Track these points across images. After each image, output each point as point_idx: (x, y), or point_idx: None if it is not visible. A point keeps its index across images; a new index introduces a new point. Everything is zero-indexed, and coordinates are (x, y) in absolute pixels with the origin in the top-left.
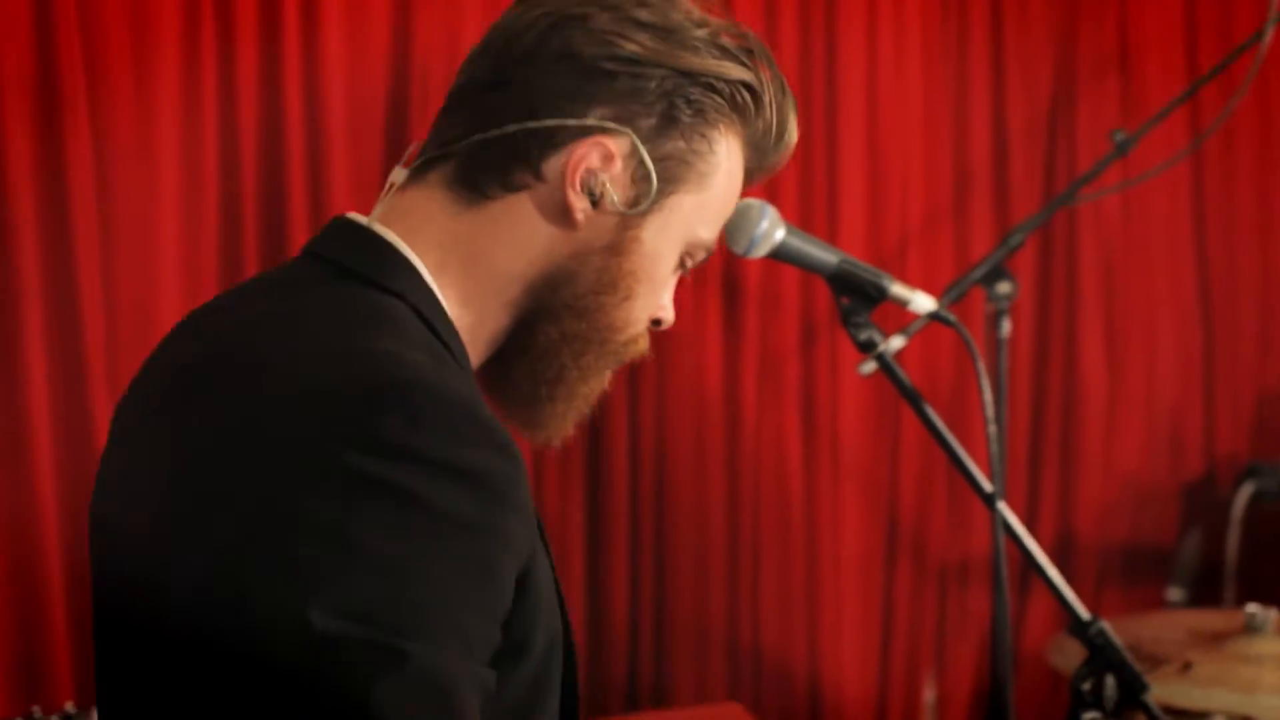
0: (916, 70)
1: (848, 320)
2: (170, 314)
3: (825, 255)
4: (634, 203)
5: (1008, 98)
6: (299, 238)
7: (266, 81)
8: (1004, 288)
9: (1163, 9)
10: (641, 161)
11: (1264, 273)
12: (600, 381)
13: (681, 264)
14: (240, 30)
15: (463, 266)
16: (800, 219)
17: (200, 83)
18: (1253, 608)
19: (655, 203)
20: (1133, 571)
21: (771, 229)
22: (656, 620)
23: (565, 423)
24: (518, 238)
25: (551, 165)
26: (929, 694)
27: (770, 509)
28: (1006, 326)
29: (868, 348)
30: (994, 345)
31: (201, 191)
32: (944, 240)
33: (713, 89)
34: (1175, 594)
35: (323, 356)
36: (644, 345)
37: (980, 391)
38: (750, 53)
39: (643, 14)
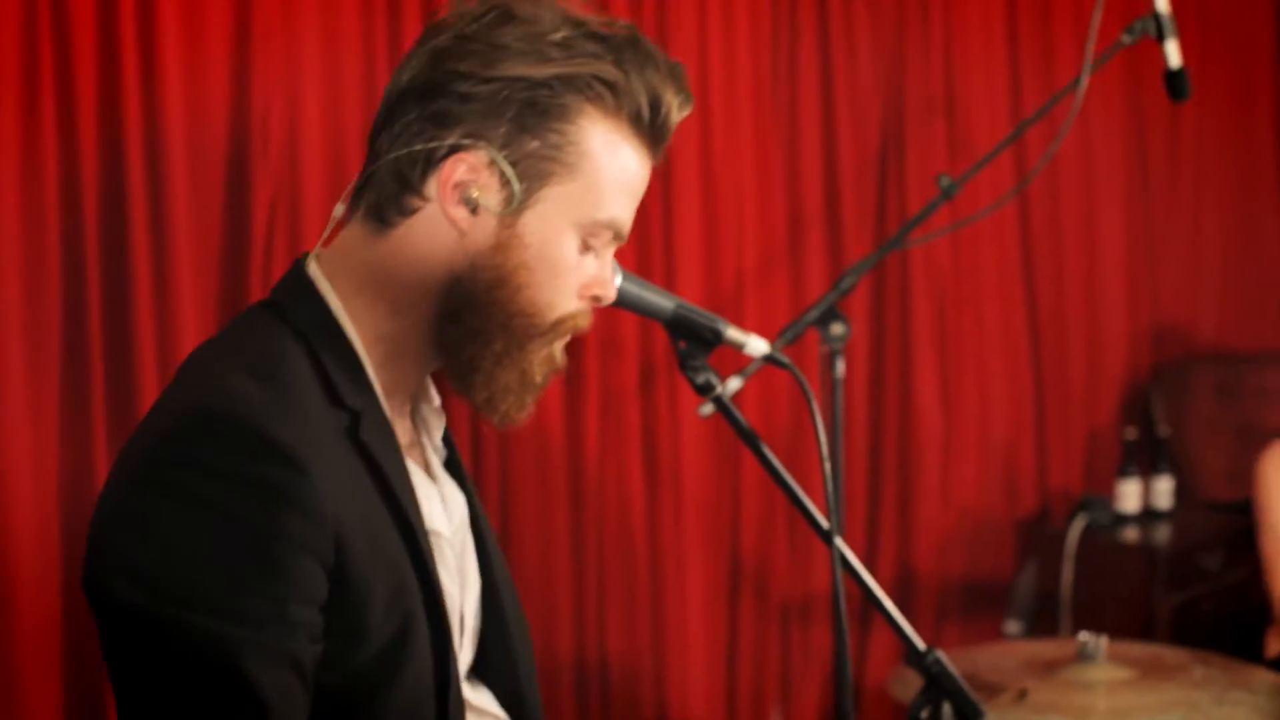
0: (748, 113)
1: (685, 364)
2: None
3: (662, 301)
4: (504, 204)
5: (838, 141)
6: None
7: (106, 123)
8: (838, 329)
9: (987, 55)
10: (501, 167)
11: (1090, 312)
12: (542, 363)
13: (588, 246)
14: (80, 73)
15: (378, 289)
16: (637, 262)
17: (40, 135)
18: (1084, 636)
19: (525, 199)
20: (971, 605)
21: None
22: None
23: (507, 404)
24: (419, 254)
25: (431, 186)
26: None
27: (614, 547)
28: (841, 367)
29: (705, 390)
30: (829, 385)
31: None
32: (779, 282)
33: (559, 89)
34: (1013, 626)
35: (193, 383)
36: (582, 322)
37: (815, 431)
38: (607, 41)
39: (504, 37)
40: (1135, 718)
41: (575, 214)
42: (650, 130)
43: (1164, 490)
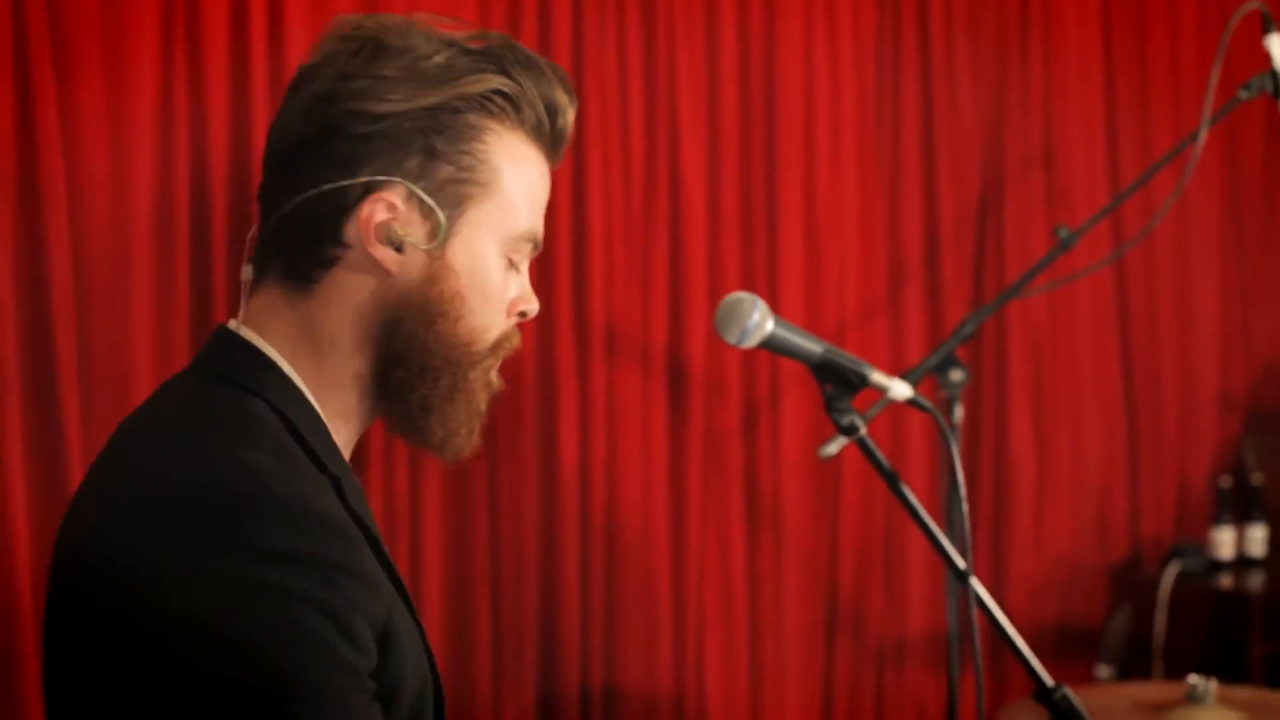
0: (852, 162)
1: (830, 406)
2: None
3: (811, 345)
4: (430, 236)
5: (938, 191)
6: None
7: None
8: (957, 375)
9: (1085, 107)
10: (421, 200)
11: (1184, 360)
12: (483, 389)
13: (510, 263)
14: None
15: (314, 348)
16: None
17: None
18: (1194, 679)
19: (449, 228)
20: (1063, 649)
21: (763, 320)
22: (605, 694)
23: (458, 439)
24: (349, 304)
25: (350, 231)
26: None
27: (714, 587)
28: (959, 412)
29: (850, 431)
30: (948, 426)
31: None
32: (879, 331)
33: (461, 110)
34: (1104, 671)
35: (187, 462)
36: (514, 341)
37: (953, 470)
38: (488, 55)
39: (385, 69)
40: None
41: (497, 232)
42: (550, 137)
43: (1258, 538)
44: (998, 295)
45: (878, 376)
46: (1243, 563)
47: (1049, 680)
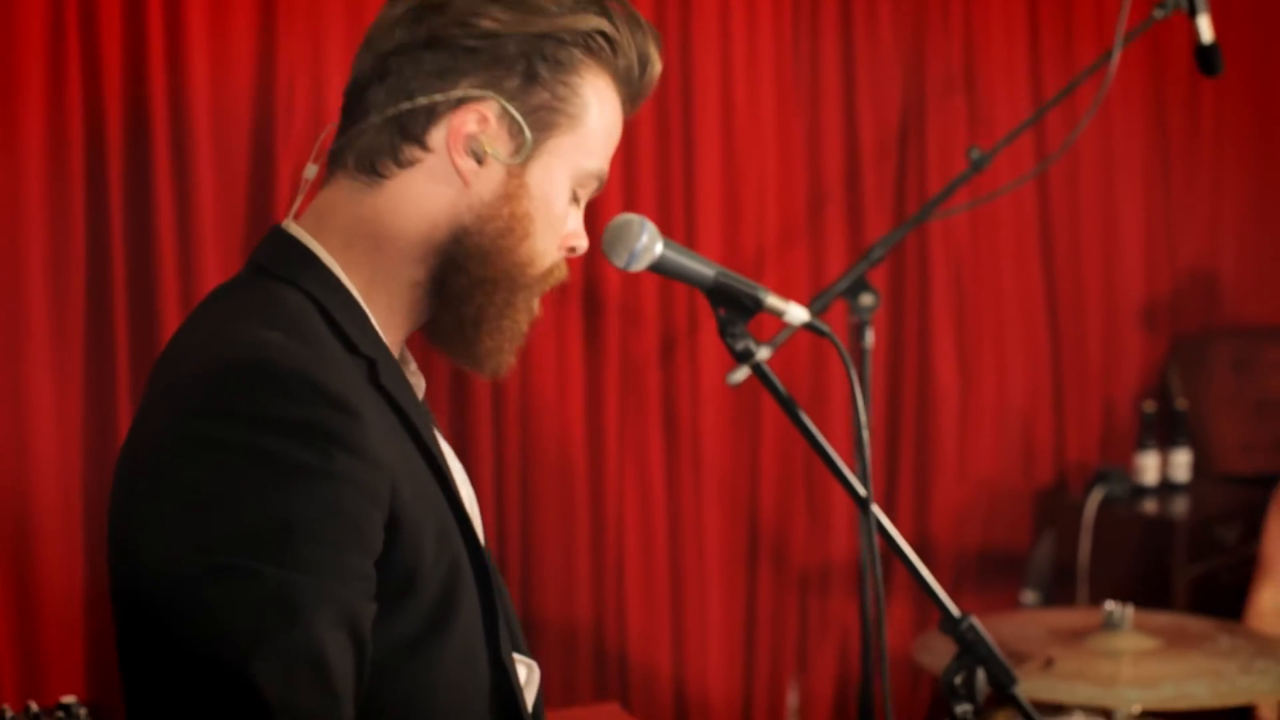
0: (770, 88)
1: (725, 331)
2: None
3: (703, 268)
4: (513, 154)
5: (858, 116)
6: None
7: (131, 101)
8: (867, 300)
9: (1007, 31)
10: (513, 119)
11: (1108, 286)
12: (525, 312)
13: (575, 197)
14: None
15: (372, 244)
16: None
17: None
18: (1111, 605)
19: (533, 150)
20: (988, 575)
21: (651, 243)
22: (522, 623)
23: (502, 355)
24: (418, 207)
25: (435, 138)
26: (792, 697)
27: (634, 517)
28: (870, 337)
29: (745, 357)
30: (858, 356)
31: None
32: (798, 256)
33: (566, 42)
34: (1030, 596)
35: (203, 346)
36: (563, 273)
37: (854, 399)
38: (596, 0)
39: None
40: (1162, 686)
41: (572, 164)
42: (636, 87)
43: (1182, 463)
44: (897, 222)
45: (773, 300)
46: (1167, 488)
47: (955, 610)
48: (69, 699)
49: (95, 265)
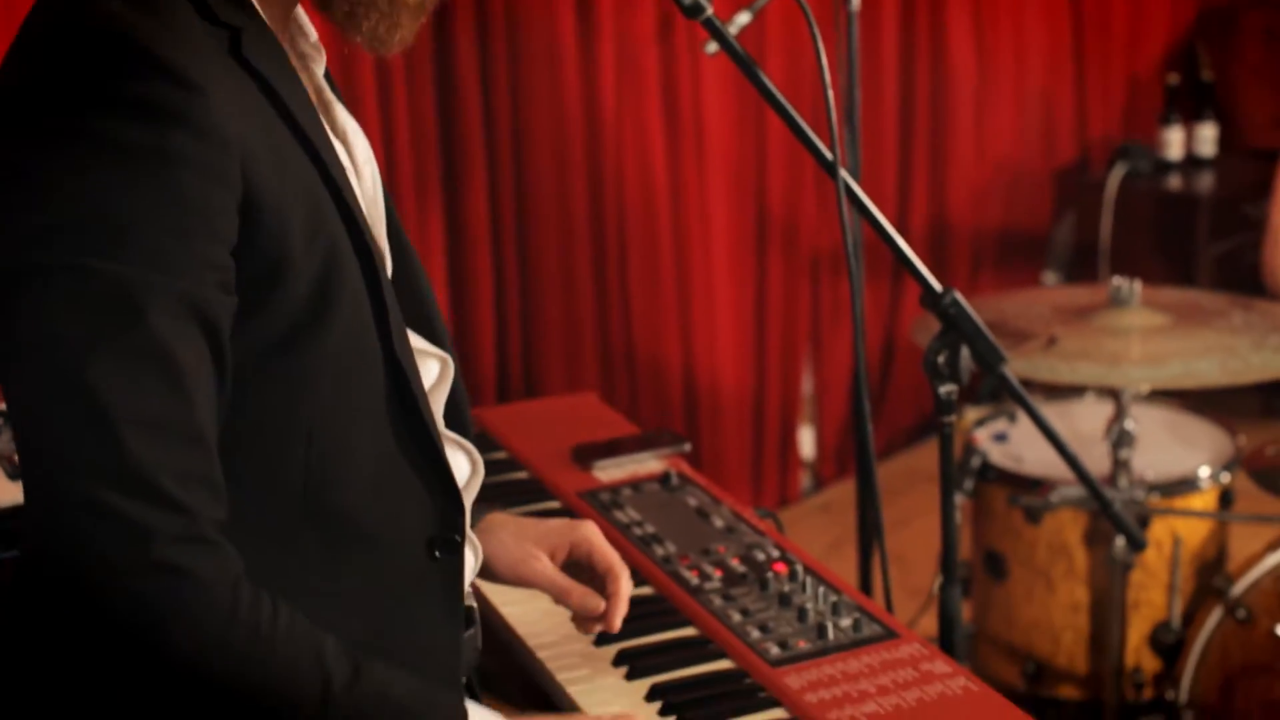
0: None
1: None
2: None
3: None
4: None
5: None
6: None
7: None
8: None
9: None
10: None
11: None
12: None
13: None
14: None
15: None
16: None
17: None
18: (1118, 280)
19: None
20: (1008, 257)
21: None
22: (523, 317)
23: (396, 32)
24: None
25: None
26: (807, 384)
27: (635, 204)
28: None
29: (694, 12)
30: (845, 18)
31: None
32: None
33: None
34: (1051, 277)
35: (32, 19)
36: None
37: (816, 55)
38: None
39: None
40: (1170, 364)
41: None
42: None
43: (1207, 137)
44: None
45: None
46: (1192, 163)
47: (937, 285)
48: None
49: None
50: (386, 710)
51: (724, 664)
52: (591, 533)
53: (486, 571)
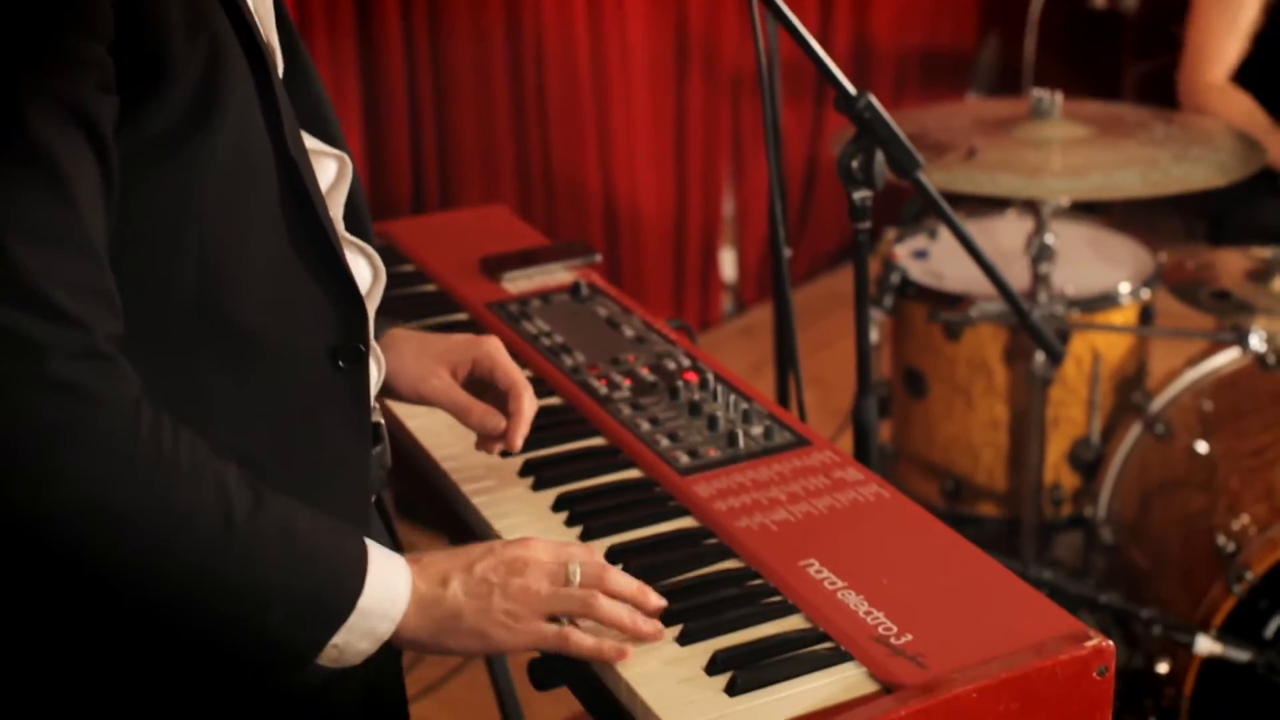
0: None
1: None
2: None
3: None
4: None
5: None
6: None
7: None
8: None
9: None
10: None
11: None
12: None
13: None
14: None
15: None
16: None
17: None
18: (1039, 92)
19: None
20: (932, 76)
21: None
22: (438, 133)
23: None
24: None
25: None
26: (728, 206)
27: (551, 16)
28: None
29: None
30: None
31: None
32: None
33: None
34: (975, 98)
35: None
36: None
37: None
38: None
39: None
40: (1090, 175)
41: None
42: None
43: None
44: None
45: None
46: None
47: (851, 88)
48: None
49: None
50: (288, 543)
51: (632, 473)
52: (494, 349)
53: (387, 389)
